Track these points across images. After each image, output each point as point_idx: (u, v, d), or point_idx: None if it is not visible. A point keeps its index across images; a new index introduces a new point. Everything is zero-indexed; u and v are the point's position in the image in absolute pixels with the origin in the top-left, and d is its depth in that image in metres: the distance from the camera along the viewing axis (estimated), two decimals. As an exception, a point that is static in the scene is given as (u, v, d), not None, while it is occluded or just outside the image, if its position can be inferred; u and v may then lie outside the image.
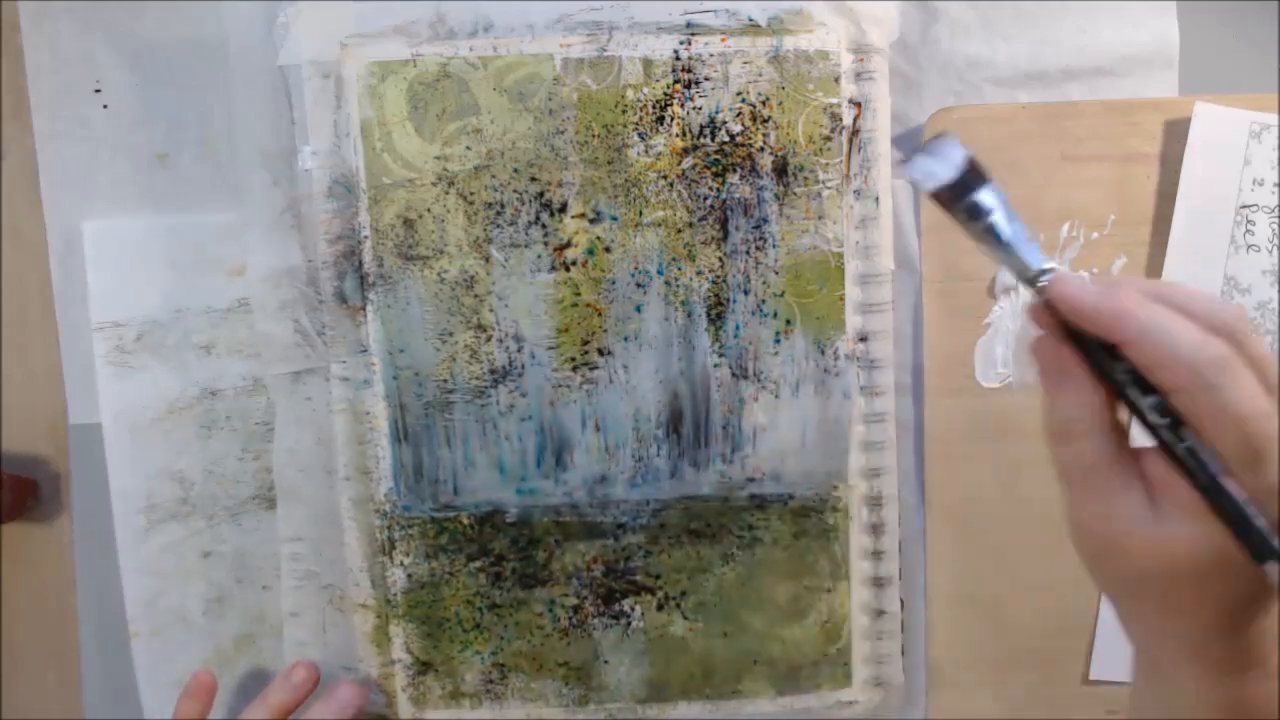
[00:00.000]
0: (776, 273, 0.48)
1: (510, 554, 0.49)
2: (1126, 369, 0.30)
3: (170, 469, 0.50)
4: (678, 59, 0.47)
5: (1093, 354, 0.31)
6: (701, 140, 0.47)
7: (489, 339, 0.48)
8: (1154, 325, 0.29)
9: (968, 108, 0.49)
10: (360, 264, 0.48)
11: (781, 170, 0.47)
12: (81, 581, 0.51)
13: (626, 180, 0.47)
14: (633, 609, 0.50)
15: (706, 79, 0.47)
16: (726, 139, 0.47)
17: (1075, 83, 0.49)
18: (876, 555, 0.50)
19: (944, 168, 0.32)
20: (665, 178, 0.47)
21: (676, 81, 0.47)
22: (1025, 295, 0.49)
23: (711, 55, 0.47)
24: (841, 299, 0.48)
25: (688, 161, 0.47)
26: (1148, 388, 0.30)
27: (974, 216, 0.32)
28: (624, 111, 0.47)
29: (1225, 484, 0.29)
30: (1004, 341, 0.50)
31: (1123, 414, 0.31)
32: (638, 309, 0.48)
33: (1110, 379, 0.31)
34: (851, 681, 0.50)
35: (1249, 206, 0.48)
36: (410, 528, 0.49)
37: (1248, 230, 0.48)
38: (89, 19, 0.48)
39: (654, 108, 0.47)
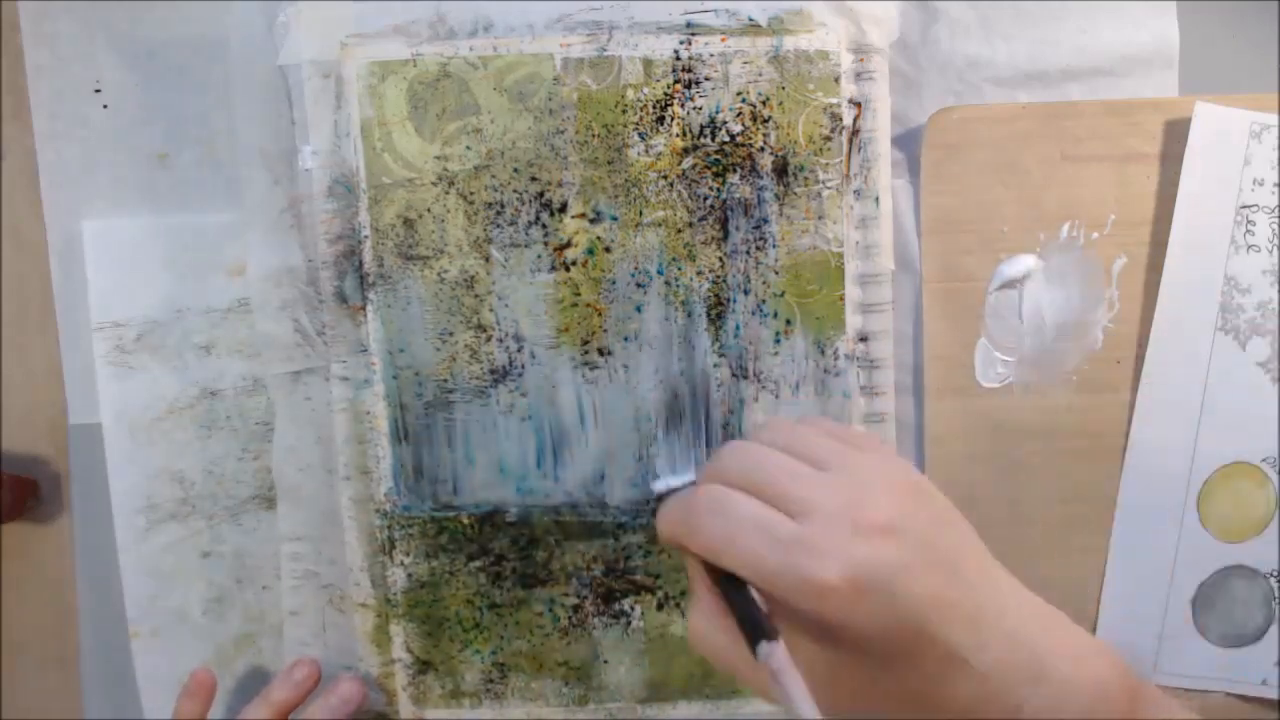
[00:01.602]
0: (776, 273, 0.48)
1: (510, 554, 0.49)
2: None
3: (170, 469, 0.50)
4: (678, 59, 0.47)
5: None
6: (701, 140, 0.47)
7: (489, 339, 0.48)
8: (659, 522, 0.34)
9: (968, 108, 0.49)
10: (360, 264, 0.48)
11: (781, 170, 0.47)
12: (82, 581, 0.51)
13: (626, 180, 0.47)
14: (633, 609, 0.50)
15: (706, 79, 0.47)
16: (726, 139, 0.47)
17: (1075, 83, 0.49)
18: (876, 555, 0.50)
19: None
20: (665, 178, 0.47)
21: (676, 81, 0.47)
22: (1008, 299, 0.49)
23: (711, 55, 0.47)
24: (841, 299, 0.48)
25: (688, 161, 0.47)
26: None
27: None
28: (624, 111, 0.47)
29: (732, 591, 0.32)
30: (1004, 335, 0.50)
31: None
32: (638, 309, 0.48)
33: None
34: (851, 681, 0.50)
35: (1249, 206, 0.48)
36: (410, 527, 0.49)
37: (1248, 230, 0.48)
38: (89, 19, 0.48)
39: (654, 108, 0.47)
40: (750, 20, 0.46)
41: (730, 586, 0.32)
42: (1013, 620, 0.32)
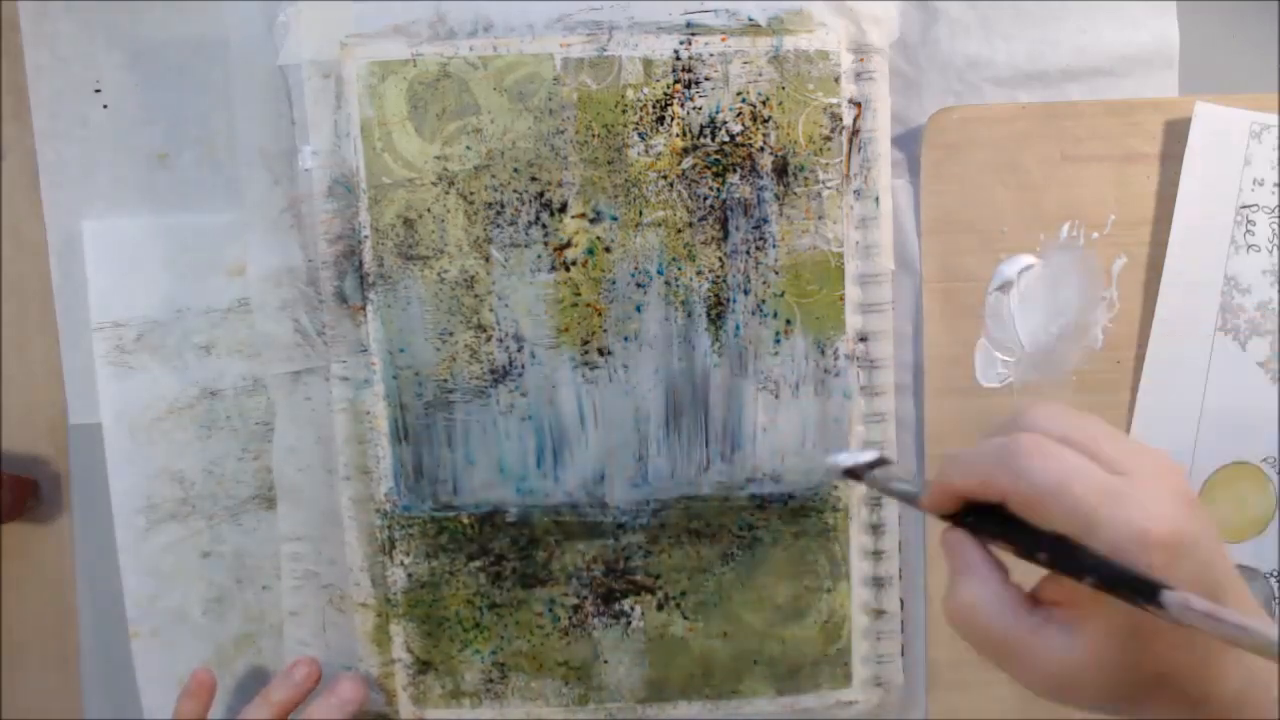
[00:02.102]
0: (776, 273, 0.48)
1: (510, 553, 0.49)
2: (1006, 526, 0.32)
3: (170, 469, 0.50)
4: (678, 59, 0.47)
5: (978, 523, 0.33)
6: (701, 140, 0.47)
7: (489, 339, 0.48)
8: (955, 464, 0.33)
9: (968, 108, 0.49)
10: (360, 264, 0.48)
11: (781, 170, 0.47)
12: (82, 581, 0.51)
13: (626, 180, 0.47)
14: (633, 609, 0.50)
15: (707, 79, 0.47)
16: (726, 139, 0.47)
17: (1075, 83, 0.49)
18: (876, 555, 0.50)
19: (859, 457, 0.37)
20: (665, 178, 0.47)
21: (676, 81, 0.47)
22: (1008, 299, 0.49)
23: (711, 55, 0.47)
24: (841, 299, 0.48)
25: (688, 161, 0.47)
26: (1030, 536, 0.32)
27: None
28: (624, 111, 0.47)
29: (1085, 554, 0.30)
30: (1004, 331, 0.50)
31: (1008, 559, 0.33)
32: (638, 309, 0.48)
33: (994, 539, 0.33)
34: (851, 681, 0.50)
35: (1249, 206, 0.48)
36: (410, 527, 0.49)
37: (1248, 230, 0.48)
38: (89, 19, 0.48)
39: (654, 108, 0.47)
40: (750, 20, 0.46)
41: (1050, 545, 0.31)
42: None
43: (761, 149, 0.47)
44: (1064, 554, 0.31)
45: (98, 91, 0.49)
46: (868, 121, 0.47)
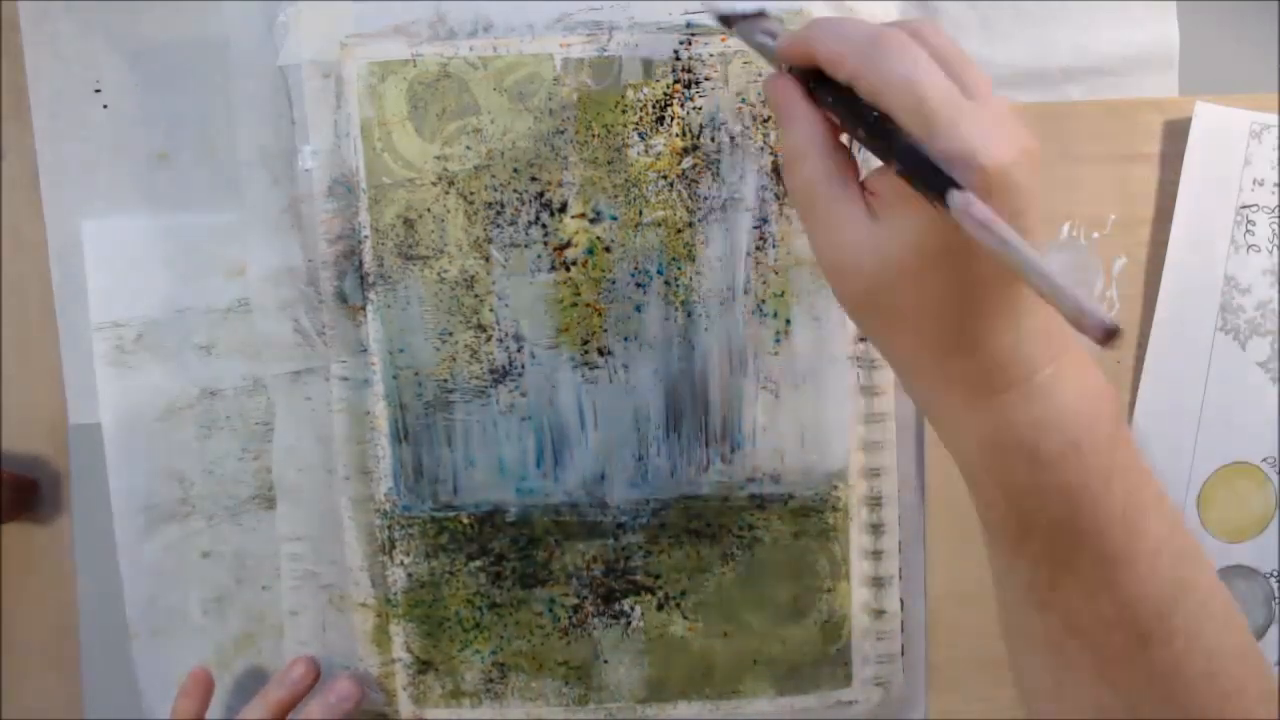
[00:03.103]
0: (776, 273, 0.48)
1: (510, 553, 0.49)
2: (839, 96, 0.33)
3: (170, 469, 0.50)
4: (678, 59, 0.47)
5: (816, 88, 0.34)
6: (701, 140, 0.47)
7: (489, 339, 0.48)
8: (823, 28, 0.33)
9: (968, 108, 0.49)
10: (360, 264, 0.48)
11: (781, 170, 0.47)
12: (82, 582, 0.51)
13: (626, 180, 0.47)
14: (633, 609, 0.50)
15: (707, 79, 0.47)
16: (726, 139, 0.47)
17: (1075, 83, 0.49)
18: (876, 555, 0.50)
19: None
20: (665, 178, 0.47)
21: (676, 81, 0.47)
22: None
23: (712, 55, 0.47)
24: (841, 299, 0.48)
25: (688, 161, 0.47)
26: (858, 110, 0.32)
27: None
28: (624, 111, 0.47)
29: (900, 137, 0.31)
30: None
31: (845, 139, 0.34)
32: (638, 309, 0.48)
33: (825, 105, 0.34)
34: (851, 681, 0.50)
35: (1249, 206, 0.48)
36: (410, 527, 0.49)
37: (1248, 230, 0.48)
38: (89, 19, 0.48)
39: (654, 108, 0.47)
40: (750, 20, 0.46)
41: (874, 127, 0.31)
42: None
43: (761, 149, 0.47)
44: (882, 134, 0.31)
45: (98, 91, 0.49)
46: (868, 121, 0.47)
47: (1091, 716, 0.34)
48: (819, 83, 0.33)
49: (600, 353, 0.48)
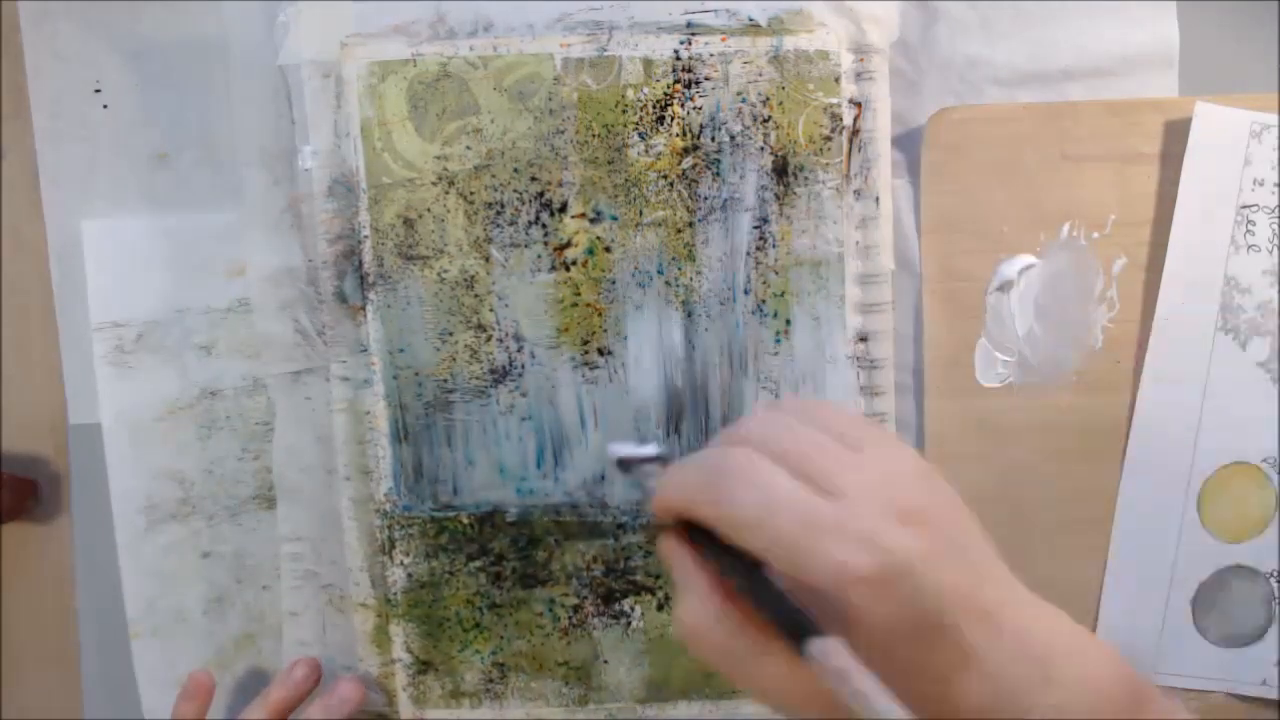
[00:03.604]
0: (776, 273, 0.48)
1: (510, 554, 0.49)
2: (711, 544, 0.31)
3: (170, 469, 0.50)
4: (678, 59, 0.47)
5: (695, 538, 0.31)
6: (701, 140, 0.47)
7: (489, 339, 0.48)
8: (672, 475, 0.31)
9: (968, 108, 0.49)
10: (360, 264, 0.48)
11: (781, 170, 0.47)
12: (82, 582, 0.51)
13: (626, 180, 0.47)
14: (633, 609, 0.50)
15: (707, 79, 0.47)
16: (727, 139, 0.47)
17: (1075, 83, 0.49)
18: (876, 555, 0.50)
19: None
20: (665, 177, 0.47)
21: (677, 81, 0.47)
22: (1008, 299, 0.49)
23: (712, 55, 0.47)
24: (841, 299, 0.48)
25: (688, 161, 0.47)
26: (728, 555, 0.30)
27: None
28: (624, 111, 0.47)
29: (756, 583, 0.29)
30: (1004, 328, 0.50)
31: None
32: (638, 309, 0.48)
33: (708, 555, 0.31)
34: (851, 681, 0.50)
35: (1249, 206, 0.48)
36: (410, 527, 0.49)
37: (1248, 230, 0.48)
38: (89, 19, 0.48)
39: (654, 107, 0.47)
40: (750, 20, 0.46)
41: (746, 574, 0.29)
42: (1024, 619, 0.31)
43: (761, 149, 0.47)
44: (756, 585, 0.29)
45: (98, 91, 0.49)
46: (868, 121, 0.47)
47: None
48: (695, 531, 0.31)
49: (600, 353, 0.48)
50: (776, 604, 0.29)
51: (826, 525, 0.29)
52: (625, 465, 0.35)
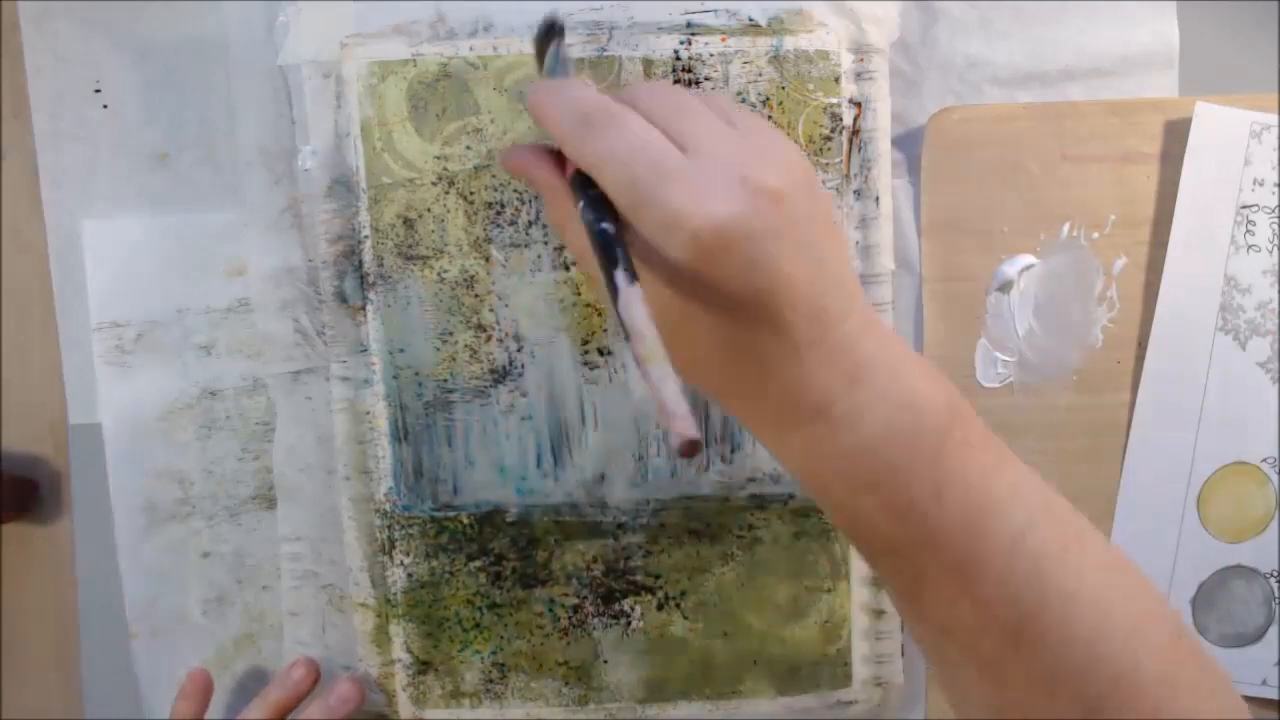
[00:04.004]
0: (776, 273, 0.48)
1: (510, 554, 0.49)
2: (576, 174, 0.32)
3: (170, 469, 0.50)
4: (678, 59, 0.47)
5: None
6: (701, 140, 0.47)
7: (489, 339, 0.48)
8: (545, 98, 0.32)
9: (968, 108, 0.49)
10: (360, 264, 0.48)
11: (781, 170, 0.47)
12: (82, 581, 0.51)
13: (626, 180, 0.47)
14: (633, 609, 0.50)
15: (707, 79, 0.47)
16: (726, 139, 0.47)
17: (1075, 83, 0.49)
18: (876, 555, 0.50)
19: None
20: (665, 178, 0.47)
21: (676, 81, 0.47)
22: (1008, 299, 0.49)
23: (712, 55, 0.47)
24: (841, 299, 0.48)
25: (688, 161, 0.47)
26: (583, 188, 0.31)
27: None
28: (624, 111, 0.47)
29: (591, 218, 0.30)
30: (1005, 331, 0.50)
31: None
32: (638, 309, 0.48)
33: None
34: (851, 681, 0.50)
35: (1249, 206, 0.48)
36: (410, 527, 0.49)
37: (1248, 230, 0.48)
38: (89, 19, 0.48)
39: (654, 108, 0.47)
40: (750, 20, 0.46)
41: (593, 210, 0.30)
42: (852, 325, 0.32)
43: (761, 149, 0.47)
44: (593, 213, 0.30)
45: (98, 91, 0.49)
46: (868, 121, 0.47)
47: (988, 717, 0.33)
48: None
49: (600, 353, 0.48)
50: (604, 242, 0.30)
51: (672, 173, 0.29)
52: (548, 34, 0.35)
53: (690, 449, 0.27)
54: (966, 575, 0.31)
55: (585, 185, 0.31)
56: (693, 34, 0.46)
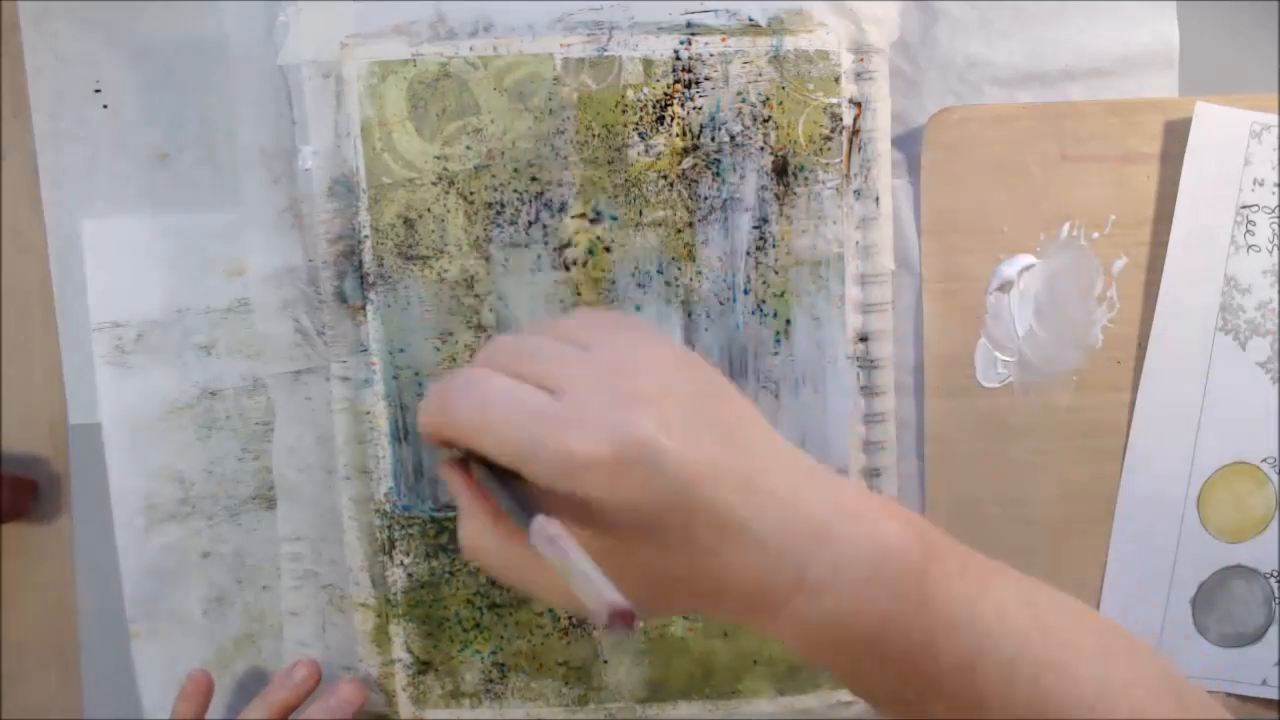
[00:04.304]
0: (776, 273, 0.48)
1: (510, 554, 0.49)
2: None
3: (170, 469, 0.50)
4: (678, 59, 0.47)
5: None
6: (701, 140, 0.47)
7: (489, 339, 0.48)
8: (423, 425, 0.32)
9: (968, 108, 0.49)
10: (360, 264, 0.48)
11: (781, 170, 0.47)
12: (82, 581, 0.51)
13: (626, 180, 0.47)
14: (633, 609, 0.50)
15: (707, 79, 0.47)
16: (726, 139, 0.47)
17: (1075, 83, 0.49)
18: (876, 555, 0.50)
19: None
20: (665, 178, 0.47)
21: (677, 81, 0.47)
22: (1008, 299, 0.49)
23: (712, 55, 0.47)
24: (841, 299, 0.48)
25: (688, 161, 0.47)
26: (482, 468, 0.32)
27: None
28: (624, 111, 0.47)
29: (491, 481, 0.30)
30: (1006, 332, 0.50)
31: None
32: (638, 309, 0.48)
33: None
34: (851, 681, 0.50)
35: (1249, 206, 0.48)
36: (410, 527, 0.49)
37: (1248, 230, 0.48)
38: (89, 19, 0.48)
39: (654, 107, 0.47)
40: (750, 20, 0.46)
41: (492, 476, 0.30)
42: (790, 482, 0.31)
43: (761, 149, 0.47)
44: (508, 491, 0.30)
45: (98, 91, 0.49)
46: (868, 121, 0.47)
47: None
48: (471, 455, 0.32)
49: (600, 353, 0.48)
50: (507, 493, 0.30)
51: (548, 417, 0.29)
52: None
53: (626, 618, 0.26)
54: (971, 710, 0.31)
55: (484, 466, 0.31)
56: (693, 34, 0.46)
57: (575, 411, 0.29)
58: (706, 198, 0.47)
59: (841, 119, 0.47)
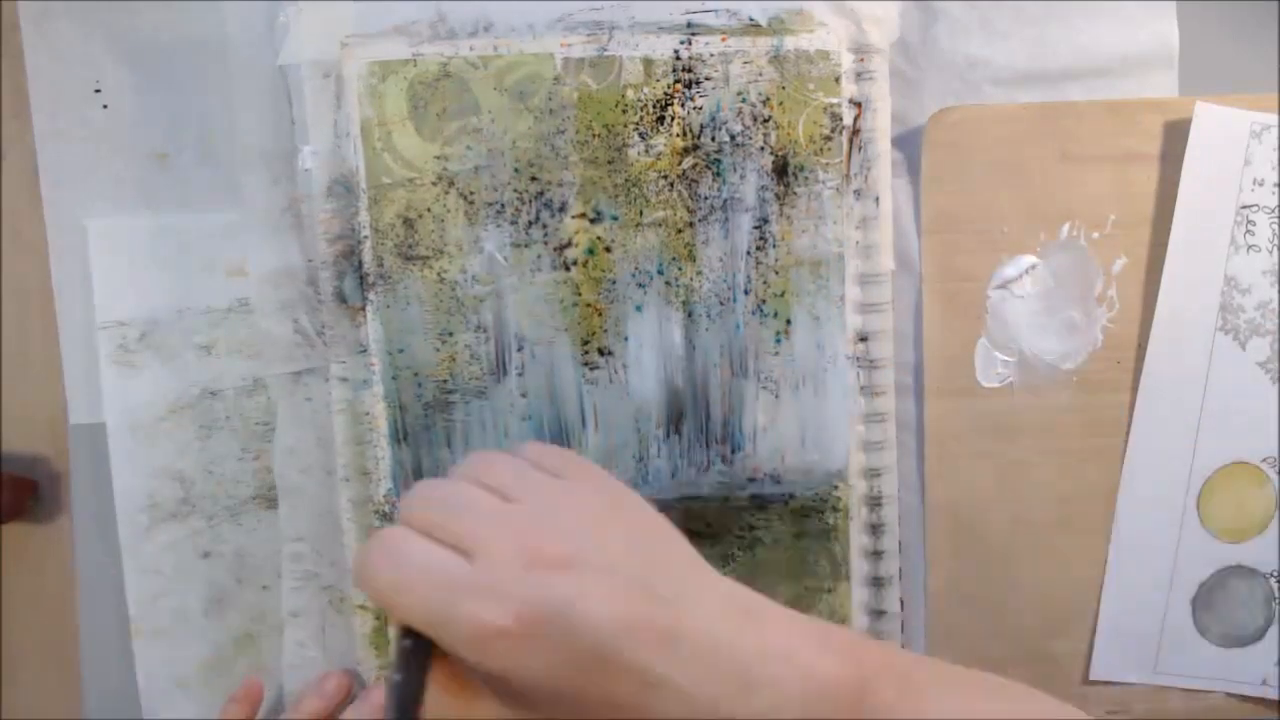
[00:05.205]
0: (776, 273, 0.48)
1: (510, 554, 0.49)
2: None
3: (171, 468, 0.50)
4: (678, 59, 0.47)
5: None
6: (701, 140, 0.47)
7: (489, 339, 0.48)
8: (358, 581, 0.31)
9: (968, 108, 0.49)
10: (360, 264, 0.48)
11: (781, 170, 0.47)
12: (82, 581, 0.51)
13: (627, 180, 0.47)
14: (633, 609, 0.50)
15: (707, 79, 0.47)
16: (726, 139, 0.47)
17: (1075, 83, 0.49)
18: (876, 555, 0.50)
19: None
20: (665, 177, 0.47)
21: (677, 81, 0.47)
22: (1008, 299, 0.49)
23: (712, 55, 0.47)
24: (841, 299, 0.48)
25: (688, 161, 0.47)
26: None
27: None
28: (624, 111, 0.47)
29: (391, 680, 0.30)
30: (1005, 332, 0.50)
31: None
32: (638, 309, 0.48)
33: None
34: (851, 681, 0.50)
35: (1249, 206, 0.48)
36: (410, 528, 0.49)
37: (1248, 230, 0.48)
38: (89, 19, 0.48)
39: (654, 107, 0.47)
40: (750, 20, 0.46)
41: (410, 647, 0.30)
42: (716, 628, 0.30)
43: (761, 149, 0.47)
44: (392, 671, 0.30)
45: (98, 91, 0.49)
46: (868, 121, 0.47)
47: None
48: None
49: (600, 353, 0.48)
50: (401, 679, 0.29)
51: (461, 586, 0.29)
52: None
53: None
54: None
55: (407, 633, 0.31)
56: (693, 34, 0.46)
57: (487, 578, 0.29)
58: (707, 198, 0.47)
59: (841, 119, 0.47)
